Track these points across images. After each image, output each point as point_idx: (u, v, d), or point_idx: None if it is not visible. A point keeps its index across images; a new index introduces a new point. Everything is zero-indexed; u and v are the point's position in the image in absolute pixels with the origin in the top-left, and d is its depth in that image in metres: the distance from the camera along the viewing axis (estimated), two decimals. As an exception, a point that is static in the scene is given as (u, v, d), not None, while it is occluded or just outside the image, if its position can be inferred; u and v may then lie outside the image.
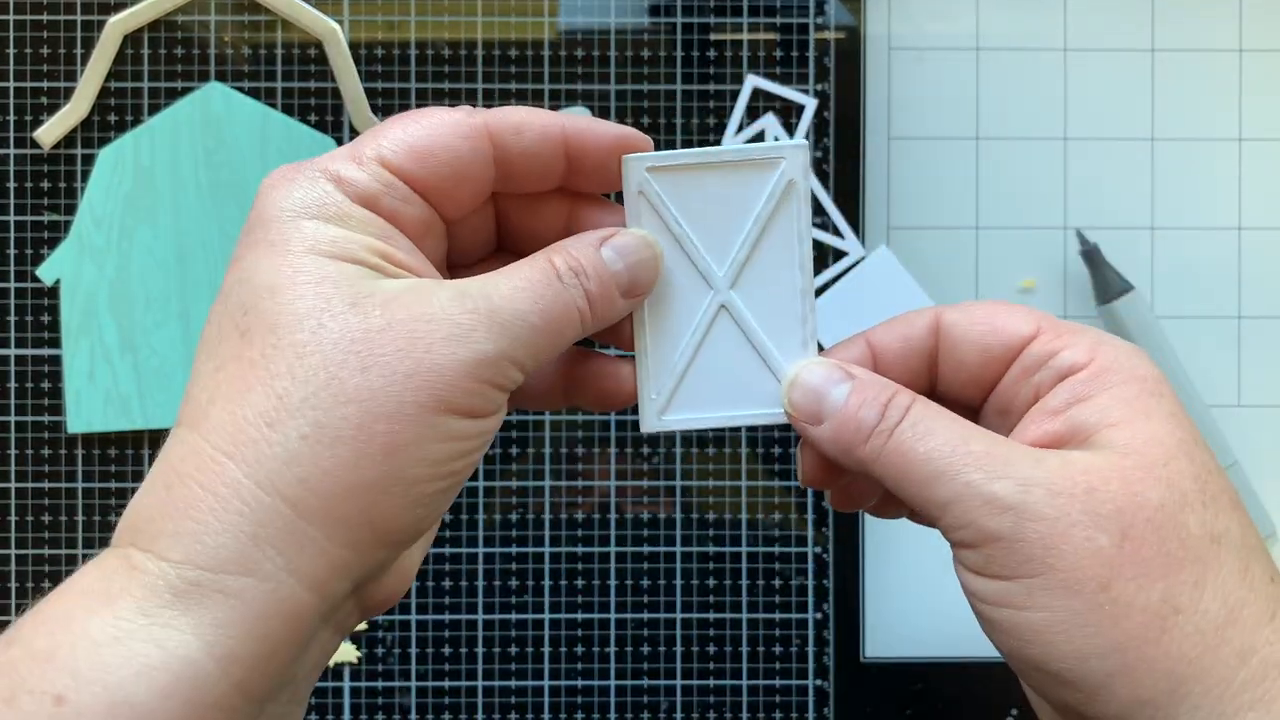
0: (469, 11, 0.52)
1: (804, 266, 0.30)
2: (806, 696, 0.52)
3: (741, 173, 0.29)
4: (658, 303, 0.30)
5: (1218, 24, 0.53)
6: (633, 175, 0.29)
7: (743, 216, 0.29)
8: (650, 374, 0.30)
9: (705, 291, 0.30)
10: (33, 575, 0.51)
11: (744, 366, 0.30)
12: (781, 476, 0.52)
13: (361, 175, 0.26)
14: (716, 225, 0.29)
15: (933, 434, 0.26)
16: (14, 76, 0.52)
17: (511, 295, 0.26)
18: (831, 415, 0.28)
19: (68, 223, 0.51)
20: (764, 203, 0.29)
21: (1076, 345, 0.27)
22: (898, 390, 0.28)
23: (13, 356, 0.52)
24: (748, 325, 0.30)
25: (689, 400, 0.30)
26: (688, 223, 0.29)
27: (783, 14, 0.52)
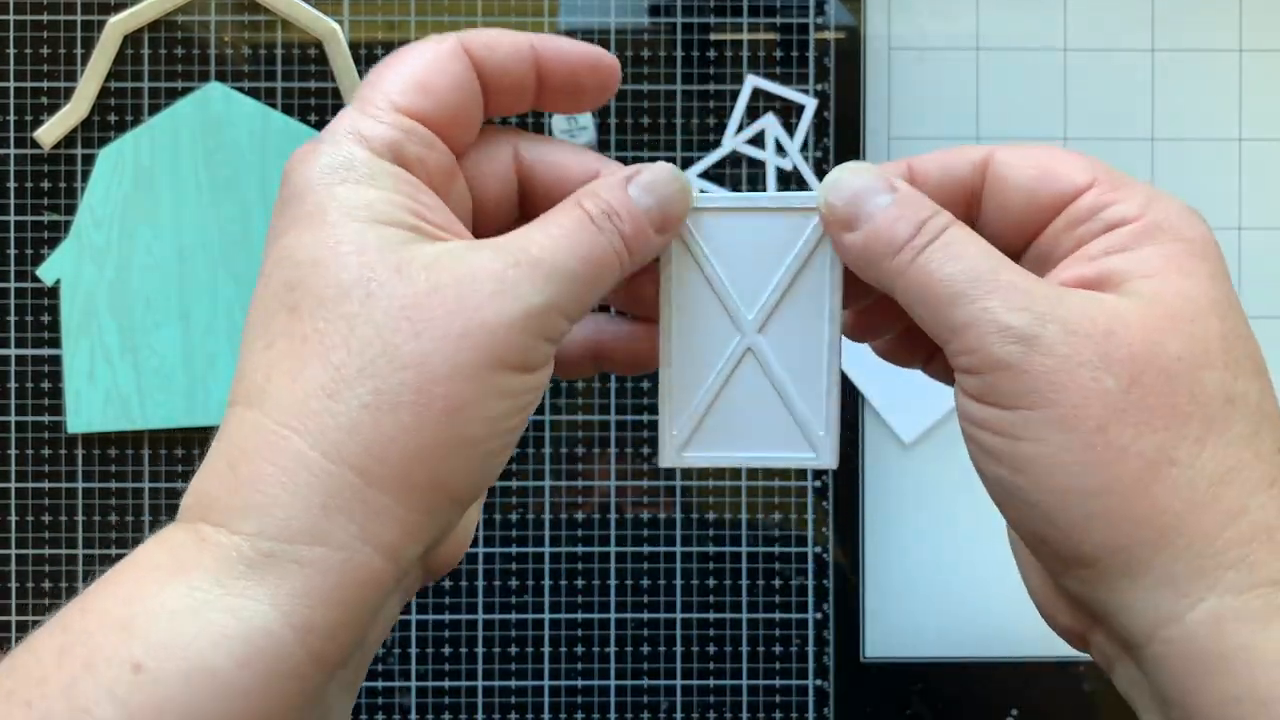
0: (469, 12, 0.52)
1: (833, 318, 0.30)
2: (806, 696, 0.52)
3: (777, 219, 0.30)
4: (684, 339, 0.30)
5: (1218, 24, 0.53)
6: None
7: (775, 263, 0.30)
8: (672, 409, 0.30)
9: (733, 334, 0.30)
10: (33, 575, 0.52)
11: (766, 410, 0.30)
12: (781, 476, 0.52)
13: (381, 127, 0.26)
14: (749, 269, 0.30)
15: (961, 258, 0.26)
16: (14, 76, 0.52)
17: (551, 245, 0.26)
18: (867, 222, 0.27)
19: (68, 223, 0.51)
20: (798, 251, 0.29)
21: (1130, 199, 0.26)
22: (938, 210, 0.27)
23: (13, 356, 0.52)
24: (772, 371, 0.30)
25: (709, 438, 0.31)
26: (720, 264, 0.30)
27: (783, 14, 0.52)
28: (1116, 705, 0.53)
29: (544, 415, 0.52)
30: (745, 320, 0.30)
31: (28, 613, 0.52)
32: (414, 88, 0.27)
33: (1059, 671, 0.52)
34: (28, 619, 0.51)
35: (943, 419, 0.52)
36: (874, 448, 0.52)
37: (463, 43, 0.28)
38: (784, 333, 0.30)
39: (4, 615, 0.51)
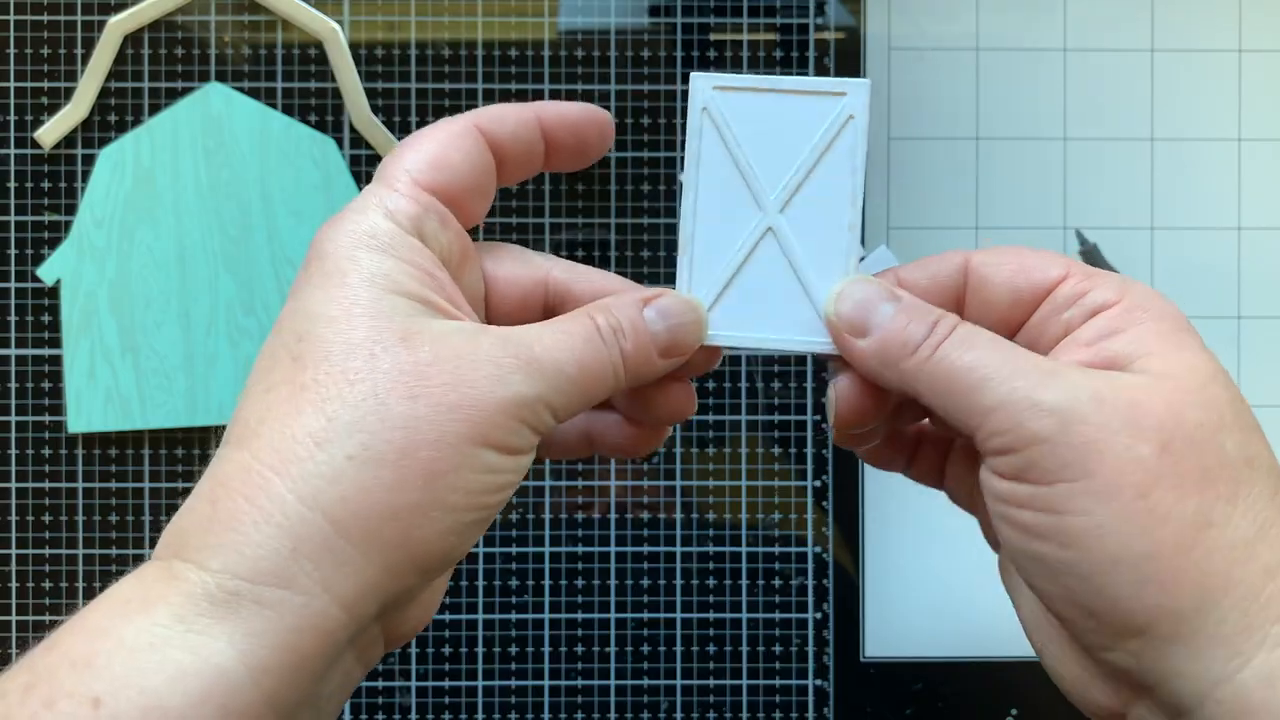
0: (469, 11, 0.52)
1: (854, 200, 0.30)
2: (806, 696, 0.52)
3: (804, 102, 0.30)
4: (706, 216, 0.30)
5: (1217, 24, 0.53)
6: (699, 92, 0.30)
7: (800, 144, 0.30)
8: (689, 287, 0.31)
9: (755, 213, 0.30)
10: (33, 575, 0.52)
11: (784, 291, 0.30)
12: (781, 476, 0.52)
13: (402, 200, 0.28)
14: (773, 150, 0.30)
15: (980, 348, 0.27)
16: (14, 77, 0.52)
17: (552, 345, 0.27)
18: (878, 328, 0.29)
19: (68, 223, 0.51)
20: (822, 134, 0.30)
21: (1106, 286, 0.28)
22: (944, 312, 0.29)
23: (13, 356, 0.52)
24: (792, 251, 0.30)
25: (727, 319, 0.31)
26: (745, 143, 0.30)
27: (783, 14, 0.52)
28: (1116, 705, 0.53)
29: (544, 415, 0.52)
30: (767, 199, 0.30)
31: (28, 612, 0.52)
32: (431, 164, 0.29)
33: (1059, 671, 0.52)
34: (28, 619, 0.52)
35: (942, 419, 0.52)
36: (874, 448, 0.52)
37: (474, 121, 0.30)
38: (805, 213, 0.30)
39: (4, 615, 0.52)
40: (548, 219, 0.52)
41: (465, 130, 0.29)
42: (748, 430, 0.52)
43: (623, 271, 0.52)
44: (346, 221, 0.28)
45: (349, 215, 0.28)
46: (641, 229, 0.52)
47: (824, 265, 0.30)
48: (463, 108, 0.52)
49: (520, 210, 0.52)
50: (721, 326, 0.31)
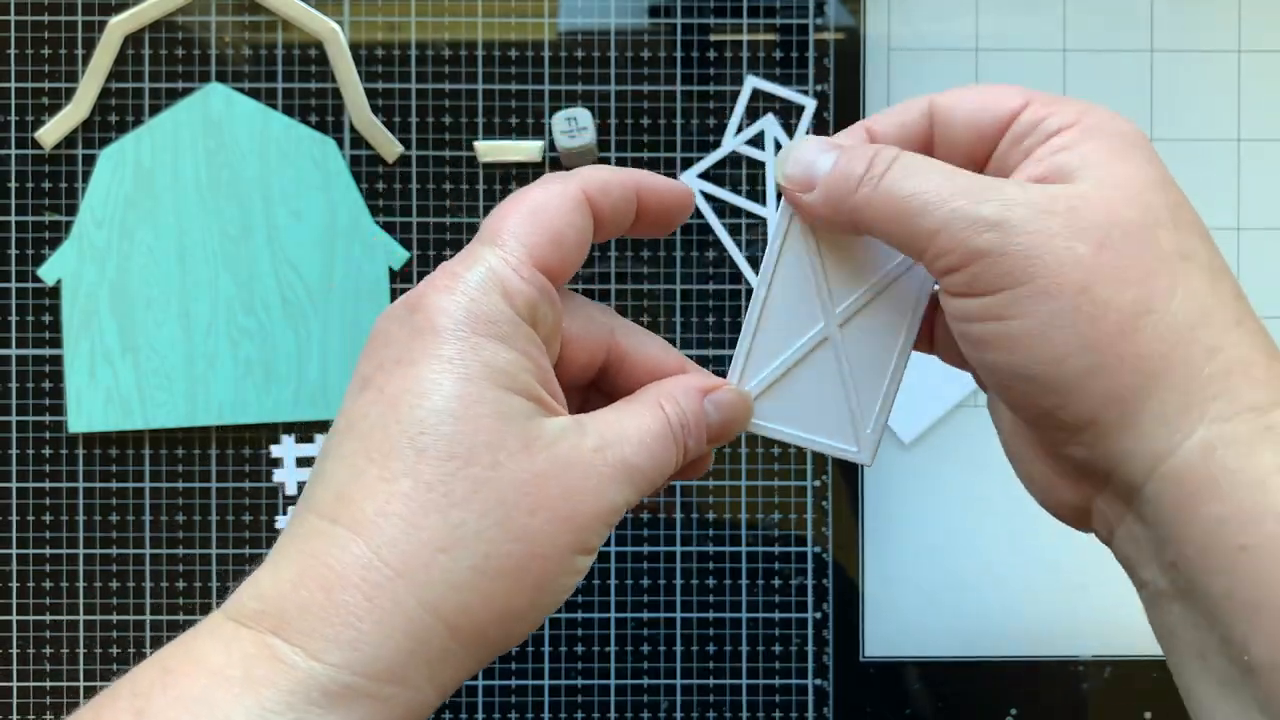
0: (469, 12, 0.52)
1: (908, 334, 0.32)
2: (806, 696, 0.52)
3: None
4: (775, 311, 0.32)
5: (1216, 25, 0.53)
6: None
7: (873, 271, 0.32)
8: (743, 370, 0.33)
9: (818, 319, 0.32)
10: (33, 575, 0.52)
11: (826, 398, 0.33)
12: (781, 476, 0.52)
13: (523, 285, 0.28)
14: (848, 270, 0.32)
15: (920, 174, 0.28)
16: (14, 77, 0.52)
17: (638, 450, 0.28)
18: (822, 177, 0.30)
19: (69, 223, 0.51)
20: (894, 265, 0.32)
21: (1064, 111, 0.29)
22: (882, 147, 0.29)
23: (14, 356, 0.52)
24: (842, 364, 0.33)
25: (772, 411, 0.33)
26: (826, 257, 0.32)
27: (782, 15, 0.52)
28: (1116, 705, 0.53)
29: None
30: (833, 311, 0.32)
31: (28, 612, 0.52)
32: (549, 241, 0.28)
33: (1058, 671, 0.52)
34: (28, 618, 0.52)
35: (942, 419, 0.52)
36: (874, 448, 0.53)
37: (583, 188, 0.29)
38: (862, 333, 0.32)
39: (4, 615, 0.52)
40: (548, 219, 0.52)
41: (577, 202, 0.29)
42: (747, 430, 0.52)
43: (621, 271, 0.52)
44: (461, 296, 0.27)
45: (464, 288, 0.27)
46: (641, 229, 0.52)
47: (867, 383, 0.33)
48: (462, 108, 0.52)
49: (520, 210, 0.52)
50: (765, 416, 0.33)
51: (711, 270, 0.52)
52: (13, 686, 0.51)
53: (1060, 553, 0.52)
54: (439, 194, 0.52)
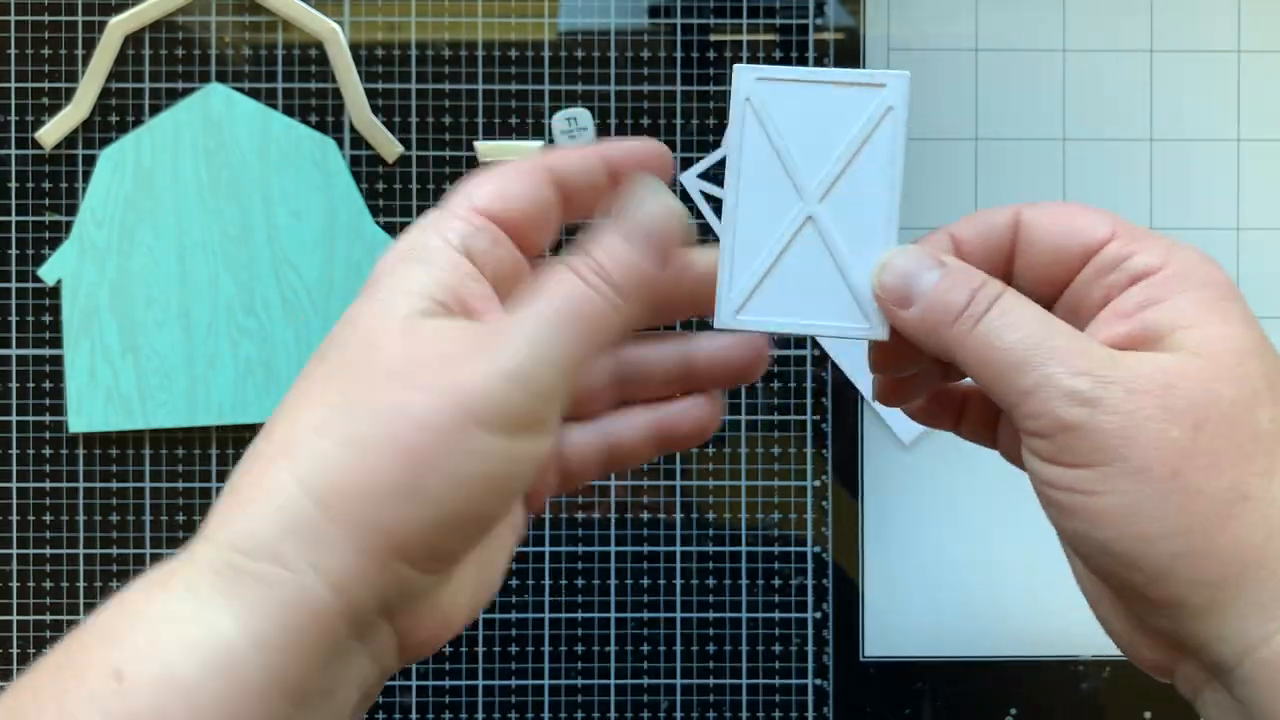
0: (469, 12, 0.52)
1: (893, 189, 0.30)
2: (806, 696, 0.52)
3: (844, 93, 0.30)
4: (747, 205, 0.31)
5: (1216, 25, 0.53)
6: (741, 83, 0.31)
7: (840, 135, 0.30)
8: (731, 273, 0.31)
9: (795, 201, 0.31)
10: (34, 575, 0.52)
11: (823, 279, 0.31)
12: (781, 476, 0.52)
13: (455, 220, 0.29)
14: (814, 140, 0.30)
15: (1018, 325, 0.28)
16: (14, 77, 0.52)
17: (536, 310, 0.28)
18: (921, 298, 0.29)
19: (69, 223, 0.51)
20: (862, 125, 0.30)
21: (1151, 250, 0.28)
22: (987, 279, 0.29)
23: (13, 356, 0.52)
24: (831, 239, 0.31)
25: (765, 305, 0.31)
26: (786, 133, 0.30)
27: (782, 15, 0.52)
28: (1116, 705, 0.53)
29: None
30: (808, 188, 0.31)
31: (28, 612, 0.52)
32: (492, 194, 0.29)
33: (1058, 671, 0.52)
34: (28, 618, 0.52)
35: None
36: (874, 448, 0.53)
37: (541, 160, 0.30)
38: (845, 202, 0.31)
39: (4, 615, 0.52)
40: (548, 219, 0.52)
41: (531, 167, 0.30)
42: (748, 430, 0.52)
43: (623, 271, 0.52)
44: (400, 239, 0.29)
45: (407, 234, 0.29)
46: (641, 229, 0.52)
47: (863, 254, 0.31)
48: (462, 108, 0.52)
49: (520, 210, 0.52)
50: (760, 312, 0.31)
51: (711, 270, 0.52)
52: (13, 686, 0.51)
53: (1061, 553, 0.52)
54: (439, 194, 0.52)
